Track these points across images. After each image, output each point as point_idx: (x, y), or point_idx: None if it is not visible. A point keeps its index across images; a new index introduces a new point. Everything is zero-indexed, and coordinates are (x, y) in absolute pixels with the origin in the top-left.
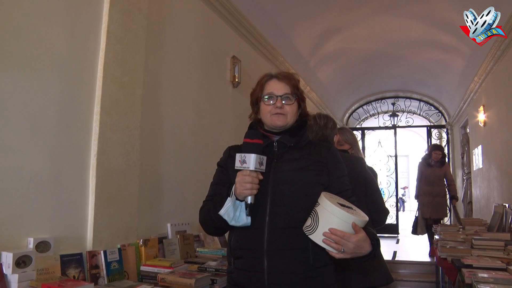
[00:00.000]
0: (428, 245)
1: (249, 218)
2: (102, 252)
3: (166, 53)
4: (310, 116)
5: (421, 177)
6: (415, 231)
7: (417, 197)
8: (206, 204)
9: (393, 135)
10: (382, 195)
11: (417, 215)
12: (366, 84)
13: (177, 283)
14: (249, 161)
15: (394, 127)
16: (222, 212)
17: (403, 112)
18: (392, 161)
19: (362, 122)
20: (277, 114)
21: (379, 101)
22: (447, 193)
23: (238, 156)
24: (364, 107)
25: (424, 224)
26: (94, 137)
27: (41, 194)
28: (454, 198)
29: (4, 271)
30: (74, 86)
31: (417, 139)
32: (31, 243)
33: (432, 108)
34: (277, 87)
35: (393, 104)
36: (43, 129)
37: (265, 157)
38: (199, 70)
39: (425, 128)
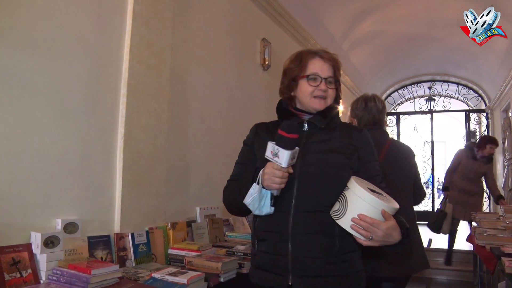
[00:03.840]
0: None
1: (273, 208)
2: (129, 235)
3: (194, 35)
4: (341, 99)
5: (457, 168)
6: (438, 228)
7: (445, 189)
8: (231, 184)
9: (430, 120)
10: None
11: (442, 208)
12: (401, 68)
13: (204, 266)
14: (282, 158)
15: (430, 111)
16: (247, 201)
17: (440, 96)
18: (428, 147)
19: (397, 107)
20: (319, 97)
21: (415, 85)
22: (484, 190)
23: (270, 146)
24: (399, 91)
25: (450, 223)
26: (121, 119)
27: (69, 176)
28: (501, 197)
29: (34, 251)
30: (100, 69)
31: (454, 124)
32: (59, 224)
33: (471, 91)
34: (322, 68)
35: (430, 88)
36: (71, 111)
37: (298, 149)
38: (228, 53)
39: (463, 113)
